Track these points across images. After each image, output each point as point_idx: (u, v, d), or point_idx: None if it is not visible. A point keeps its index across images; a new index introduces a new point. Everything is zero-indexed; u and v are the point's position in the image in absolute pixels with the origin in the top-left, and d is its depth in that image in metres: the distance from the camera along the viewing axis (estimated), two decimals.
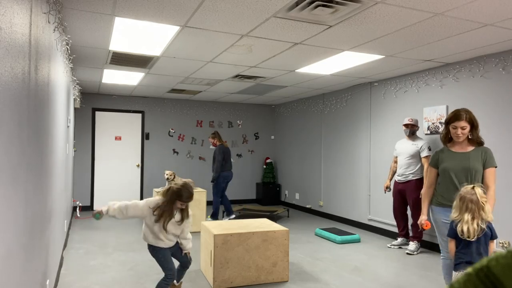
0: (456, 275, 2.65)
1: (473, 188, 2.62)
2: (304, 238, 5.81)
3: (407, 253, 4.99)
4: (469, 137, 3.13)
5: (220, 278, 3.68)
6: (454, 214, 2.66)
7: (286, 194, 9.14)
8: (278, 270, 3.88)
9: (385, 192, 5.64)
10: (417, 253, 4.99)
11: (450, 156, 3.19)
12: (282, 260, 3.90)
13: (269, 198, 9.20)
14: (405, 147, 5.21)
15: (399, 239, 5.35)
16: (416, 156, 5.09)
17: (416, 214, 5.05)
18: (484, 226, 2.57)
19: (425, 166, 4.94)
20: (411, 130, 5.17)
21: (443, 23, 3.48)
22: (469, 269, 0.44)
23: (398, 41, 4.03)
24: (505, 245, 4.24)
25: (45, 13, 2.46)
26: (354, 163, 6.78)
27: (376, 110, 6.30)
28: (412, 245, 5.03)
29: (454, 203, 2.70)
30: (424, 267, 4.43)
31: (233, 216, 6.87)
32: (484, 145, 3.15)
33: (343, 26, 3.60)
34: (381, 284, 3.88)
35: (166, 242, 3.12)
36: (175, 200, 3.07)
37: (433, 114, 5.19)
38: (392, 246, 5.34)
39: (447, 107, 5.00)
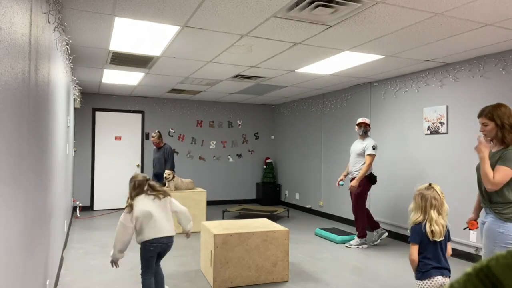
0: (428, 282, 2.37)
1: (430, 185, 2.46)
2: (304, 238, 5.81)
3: (346, 246, 5.31)
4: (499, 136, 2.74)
5: (220, 278, 3.68)
6: (415, 216, 2.42)
7: (286, 194, 9.14)
8: (278, 270, 3.88)
9: (338, 186, 5.74)
10: (357, 247, 5.24)
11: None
12: (282, 260, 3.90)
13: (269, 198, 9.20)
14: (355, 147, 5.48)
15: (374, 233, 5.50)
16: (362, 154, 5.32)
17: (354, 209, 5.36)
18: (446, 223, 2.42)
19: (366, 162, 5.22)
20: (364, 129, 5.38)
21: (443, 23, 3.48)
22: (468, 269, 0.44)
23: (398, 41, 4.03)
24: None
25: (45, 13, 2.46)
26: None
27: (376, 110, 6.30)
28: (355, 241, 5.31)
29: (413, 204, 2.47)
30: None
31: None
32: None
33: (343, 26, 3.60)
34: (381, 284, 3.88)
35: None
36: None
37: (433, 114, 5.19)
38: (375, 243, 5.46)
39: (447, 107, 5.00)
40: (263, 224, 4.14)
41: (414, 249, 2.42)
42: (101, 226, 6.48)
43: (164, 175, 6.12)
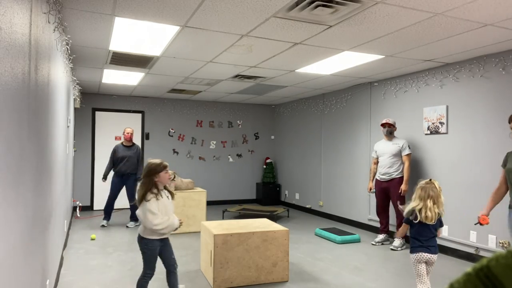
0: (414, 256, 3.03)
1: (430, 180, 3.03)
2: (304, 238, 5.81)
3: (391, 249, 5.18)
4: None
5: (220, 278, 3.67)
6: (414, 203, 2.99)
7: (286, 194, 9.14)
8: (278, 270, 3.88)
9: (369, 192, 5.79)
10: (401, 249, 5.17)
11: None
12: (282, 260, 3.90)
13: (269, 198, 9.20)
14: (386, 147, 5.41)
15: (381, 236, 5.51)
16: (398, 155, 5.30)
17: (399, 211, 5.21)
18: (439, 211, 2.99)
19: (406, 164, 5.22)
20: (389, 129, 5.38)
21: (443, 23, 3.48)
22: (469, 269, 0.44)
23: (398, 41, 4.03)
24: (505, 245, 4.25)
25: (45, 13, 2.46)
26: (354, 163, 6.78)
27: (376, 110, 6.30)
28: (397, 241, 5.22)
29: (415, 194, 3.01)
30: None
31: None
32: None
33: (343, 26, 3.60)
34: (381, 284, 3.88)
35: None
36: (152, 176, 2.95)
37: (433, 114, 5.19)
38: (376, 244, 5.46)
39: (447, 107, 5.00)
40: (263, 224, 4.14)
41: (404, 228, 3.13)
42: (101, 226, 6.47)
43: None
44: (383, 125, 5.41)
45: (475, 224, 3.70)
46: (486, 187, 4.50)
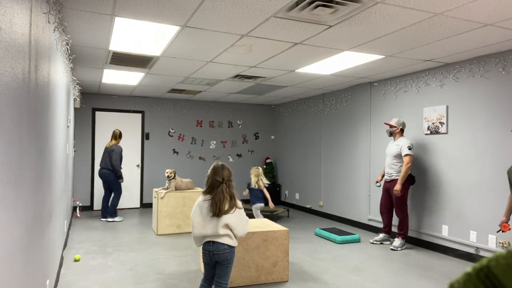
0: (256, 206, 5.64)
1: (257, 167, 5.76)
2: (304, 238, 5.81)
3: (391, 249, 5.16)
4: None
5: None
6: (254, 179, 5.61)
7: (286, 194, 9.14)
8: (278, 270, 3.88)
9: (375, 185, 5.77)
10: (401, 249, 5.16)
11: None
12: (282, 260, 3.90)
13: None
14: (390, 148, 5.44)
15: (381, 235, 5.52)
16: (399, 156, 5.26)
17: (399, 211, 5.26)
18: (264, 182, 5.65)
19: (405, 164, 5.16)
20: (390, 130, 5.40)
21: (443, 23, 3.48)
22: (468, 269, 0.44)
23: (398, 41, 4.03)
24: (505, 245, 4.25)
25: (45, 13, 2.46)
26: (354, 163, 6.78)
27: (376, 110, 6.30)
28: (397, 241, 5.20)
29: (251, 175, 5.65)
30: (424, 267, 4.43)
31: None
32: None
33: (343, 26, 3.60)
34: (381, 284, 3.88)
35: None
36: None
37: (433, 114, 5.19)
38: (375, 242, 5.48)
39: (447, 107, 5.00)
40: (263, 224, 4.14)
41: (247, 191, 5.71)
42: (101, 226, 6.47)
43: (166, 174, 6.14)
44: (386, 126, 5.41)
45: (497, 232, 3.70)
46: (486, 187, 4.50)
